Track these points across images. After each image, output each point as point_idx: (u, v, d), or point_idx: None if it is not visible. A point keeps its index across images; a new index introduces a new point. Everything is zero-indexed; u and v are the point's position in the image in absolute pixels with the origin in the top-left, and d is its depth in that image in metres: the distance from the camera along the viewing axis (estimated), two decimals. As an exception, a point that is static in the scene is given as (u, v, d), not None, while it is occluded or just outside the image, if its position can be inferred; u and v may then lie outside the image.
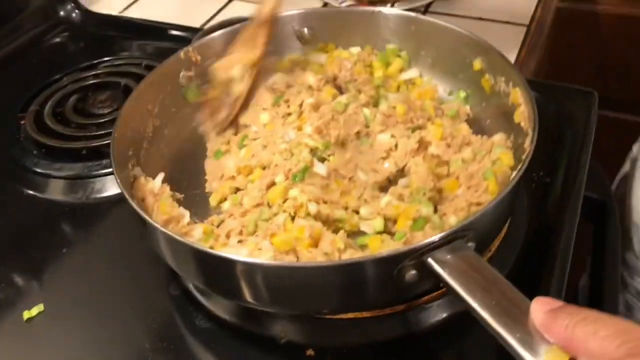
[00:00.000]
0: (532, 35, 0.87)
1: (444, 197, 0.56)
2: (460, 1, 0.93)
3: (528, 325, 0.36)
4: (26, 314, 0.56)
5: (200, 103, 0.69)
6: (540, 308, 0.36)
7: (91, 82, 0.82)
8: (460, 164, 0.57)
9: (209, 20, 0.95)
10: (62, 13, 0.97)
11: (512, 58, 0.80)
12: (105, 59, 0.87)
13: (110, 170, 0.69)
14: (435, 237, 0.43)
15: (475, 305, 0.39)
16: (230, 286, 0.48)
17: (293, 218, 0.54)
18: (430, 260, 0.43)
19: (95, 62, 0.86)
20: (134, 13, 0.99)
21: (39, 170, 0.71)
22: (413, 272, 0.43)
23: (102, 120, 0.76)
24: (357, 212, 0.56)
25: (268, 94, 0.70)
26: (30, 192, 0.70)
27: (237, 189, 0.61)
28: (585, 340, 0.33)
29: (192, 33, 0.87)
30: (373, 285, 0.45)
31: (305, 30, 0.73)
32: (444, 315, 0.53)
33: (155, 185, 0.57)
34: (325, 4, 0.94)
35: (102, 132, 0.73)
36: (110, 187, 0.69)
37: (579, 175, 0.63)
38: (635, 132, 1.27)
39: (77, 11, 0.97)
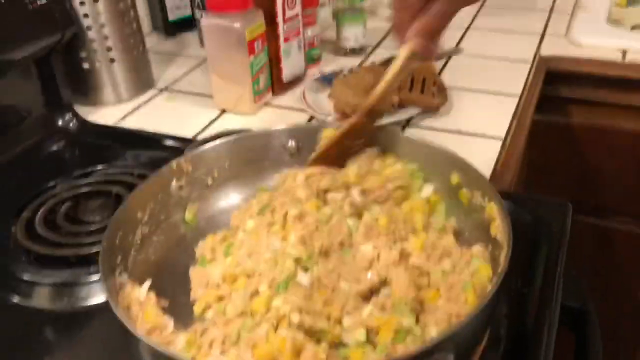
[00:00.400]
0: (507, 147, 0.92)
1: (425, 307, 0.57)
2: (439, 115, 0.98)
3: None
4: None
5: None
6: None
7: (84, 190, 0.84)
8: (440, 276, 0.59)
9: (201, 132, 0.99)
10: (60, 123, 1.01)
11: (488, 169, 0.84)
12: (99, 167, 0.90)
13: (97, 278, 0.71)
14: (416, 351, 0.44)
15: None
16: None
17: (276, 328, 0.54)
18: None
19: (89, 170, 0.89)
20: (130, 124, 1.04)
21: (25, 277, 0.72)
22: None
23: (92, 228, 0.77)
24: (340, 323, 0.57)
25: (256, 202, 0.72)
26: (15, 299, 0.70)
27: (222, 298, 0.62)
28: None
29: (184, 143, 0.91)
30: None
31: (293, 143, 0.77)
32: None
33: (141, 293, 0.58)
34: (312, 118, 0.99)
35: (92, 240, 0.74)
36: (96, 295, 0.69)
37: (555, 286, 0.64)
38: (613, 238, 1.30)
39: (74, 121, 1.02)
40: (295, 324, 0.54)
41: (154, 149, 0.95)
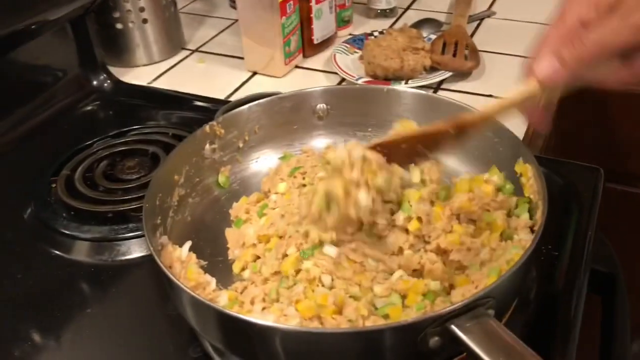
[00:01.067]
0: (540, 112, 0.91)
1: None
2: (471, 79, 0.98)
3: None
4: (49, 374, 0.58)
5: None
6: None
7: (120, 148, 0.86)
8: (478, 268, 0.57)
9: (232, 94, 1.00)
10: (94, 83, 1.03)
11: (520, 134, 0.84)
12: (134, 127, 0.91)
13: (135, 234, 0.73)
14: (458, 305, 0.45)
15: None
16: (253, 349, 0.50)
17: (312, 289, 0.56)
18: (453, 327, 0.45)
19: (125, 129, 0.91)
20: (162, 84, 1.05)
21: (67, 231, 0.74)
22: (436, 338, 0.45)
23: (129, 185, 0.79)
24: (371, 290, 0.57)
25: (286, 165, 0.74)
26: (58, 252, 0.73)
27: (258, 257, 0.63)
28: None
29: (215, 104, 0.92)
30: (397, 352, 0.47)
31: (322, 106, 0.77)
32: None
33: (182, 253, 0.60)
34: (342, 81, 0.99)
35: (129, 197, 0.77)
36: (135, 250, 0.72)
37: (585, 249, 0.65)
38: (642, 206, 1.29)
39: (108, 81, 1.03)
40: (326, 285, 0.56)
41: (186, 110, 0.97)
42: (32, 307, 0.66)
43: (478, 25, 1.16)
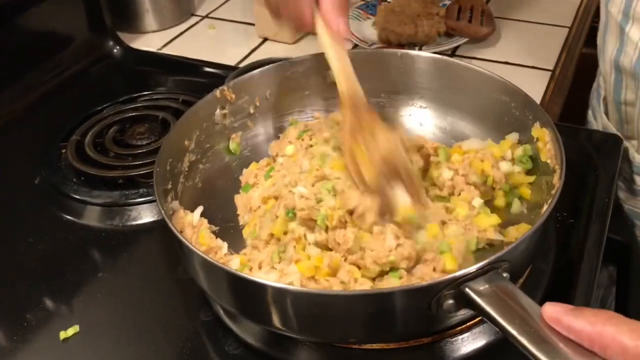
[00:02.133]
0: (556, 79, 0.89)
1: None
2: (486, 45, 0.96)
3: (568, 352, 0.37)
4: (62, 334, 0.58)
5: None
6: (555, 308, 0.38)
7: (130, 114, 0.85)
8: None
9: (242, 60, 0.99)
10: (104, 49, 1.02)
11: (536, 101, 0.82)
12: (144, 93, 0.90)
13: (145, 199, 0.73)
14: (472, 268, 0.45)
15: (514, 332, 0.41)
16: (265, 312, 0.49)
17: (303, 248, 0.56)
18: (467, 289, 0.44)
19: (135, 95, 0.90)
20: (171, 50, 1.04)
21: (77, 196, 0.74)
22: (451, 301, 0.45)
23: (139, 151, 0.79)
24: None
25: (294, 129, 0.73)
26: (69, 217, 0.73)
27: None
28: (618, 334, 0.34)
29: (225, 70, 0.91)
30: (410, 314, 0.47)
31: (334, 72, 0.75)
32: (467, 349, 0.54)
33: (194, 217, 0.60)
34: (355, 47, 0.97)
35: (139, 162, 0.76)
36: (145, 215, 0.72)
37: (602, 218, 0.64)
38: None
39: (118, 47, 1.02)
40: (312, 242, 0.55)
41: (196, 76, 0.96)
42: (43, 271, 0.66)
43: (494, -9, 1.13)
